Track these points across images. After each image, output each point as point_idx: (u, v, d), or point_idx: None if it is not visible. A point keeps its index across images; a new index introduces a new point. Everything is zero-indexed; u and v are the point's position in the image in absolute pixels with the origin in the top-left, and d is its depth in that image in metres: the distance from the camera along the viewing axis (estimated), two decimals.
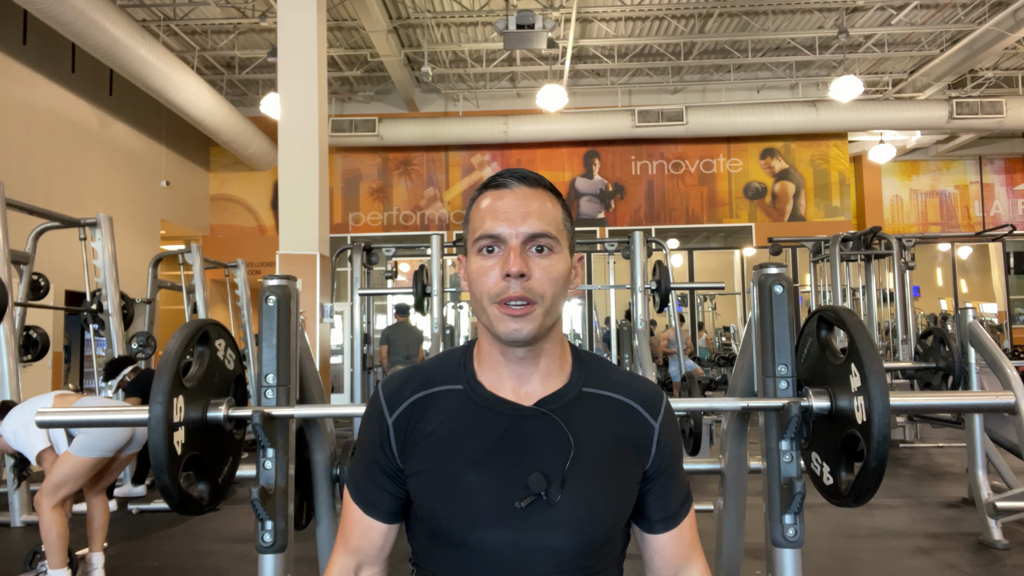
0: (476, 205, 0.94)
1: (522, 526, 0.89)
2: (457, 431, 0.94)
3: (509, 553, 0.90)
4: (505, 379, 0.96)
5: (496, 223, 0.89)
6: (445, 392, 0.97)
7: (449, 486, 0.92)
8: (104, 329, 5.97)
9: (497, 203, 0.91)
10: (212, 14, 9.72)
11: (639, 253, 5.48)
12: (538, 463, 0.91)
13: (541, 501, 0.89)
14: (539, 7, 9.42)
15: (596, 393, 0.97)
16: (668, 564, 1.02)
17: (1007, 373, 3.80)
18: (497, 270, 0.89)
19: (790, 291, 2.00)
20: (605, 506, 0.92)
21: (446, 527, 0.92)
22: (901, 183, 14.12)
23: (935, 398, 2.49)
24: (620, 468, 0.95)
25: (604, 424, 0.96)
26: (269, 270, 11.42)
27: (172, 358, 1.71)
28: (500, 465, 0.91)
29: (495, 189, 0.93)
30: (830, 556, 3.90)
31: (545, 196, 0.93)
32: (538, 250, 0.90)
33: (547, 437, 0.93)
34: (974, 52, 10.07)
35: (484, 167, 13.05)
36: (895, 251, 6.98)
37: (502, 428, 0.93)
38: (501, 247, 0.90)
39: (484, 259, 0.91)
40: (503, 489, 0.90)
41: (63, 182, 9.28)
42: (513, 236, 0.89)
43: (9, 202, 5.15)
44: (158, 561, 3.91)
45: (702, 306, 13.62)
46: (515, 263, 0.87)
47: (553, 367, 0.96)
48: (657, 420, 0.98)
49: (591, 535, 0.91)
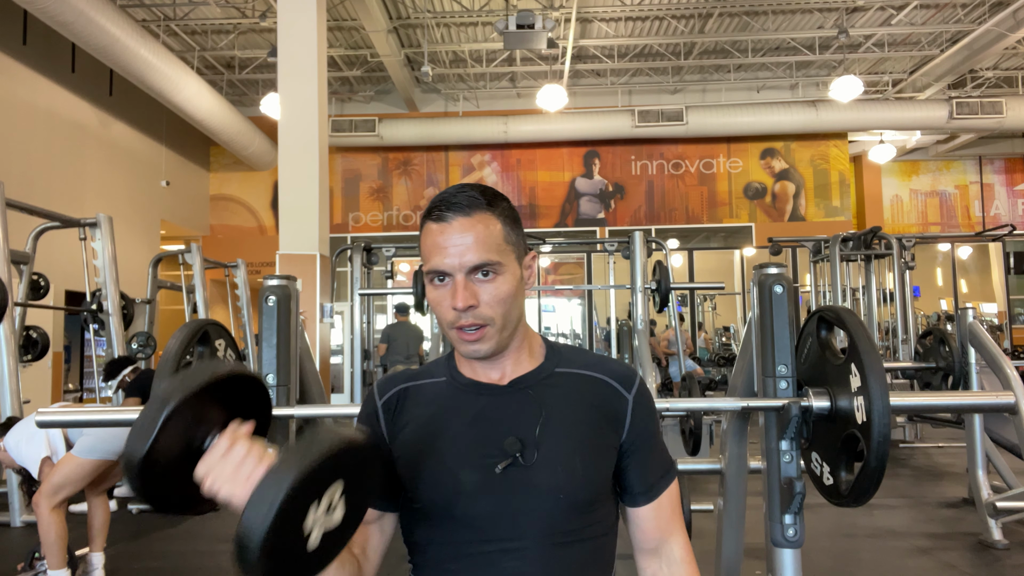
0: (423, 235, 0.98)
1: (504, 491, 0.94)
2: (439, 412, 1.01)
3: (496, 520, 0.94)
4: (479, 369, 1.03)
5: (441, 258, 0.94)
6: (430, 383, 1.05)
7: (433, 461, 0.97)
8: (104, 329, 5.97)
9: (438, 238, 0.95)
10: (212, 14, 9.72)
11: (639, 253, 5.48)
12: (513, 430, 0.96)
13: (518, 464, 0.94)
14: (539, 7, 9.42)
15: (569, 372, 1.04)
16: (649, 537, 1.05)
17: (1007, 373, 3.79)
18: (448, 300, 0.94)
19: (790, 291, 2.00)
20: (582, 467, 0.96)
21: (433, 502, 0.96)
22: (901, 183, 14.12)
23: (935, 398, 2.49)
24: (595, 433, 0.99)
25: (577, 396, 1.01)
26: (269, 270, 11.42)
27: (172, 358, 1.72)
28: (479, 437, 0.97)
29: (435, 222, 0.96)
30: (830, 556, 3.90)
31: (483, 219, 0.95)
32: (484, 275, 0.94)
33: (522, 408, 0.99)
34: (974, 52, 10.07)
35: (484, 167, 13.05)
36: (895, 251, 6.97)
37: (481, 405, 1.00)
38: (448, 279, 0.95)
39: (436, 289, 0.96)
40: (482, 455, 0.95)
41: (63, 182, 9.28)
42: (457, 269, 0.93)
43: (9, 202, 5.16)
44: (158, 561, 3.91)
45: (702, 306, 13.61)
46: (460, 298, 0.93)
47: (522, 356, 1.03)
48: (631, 393, 1.03)
49: (571, 497, 0.94)
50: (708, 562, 2.54)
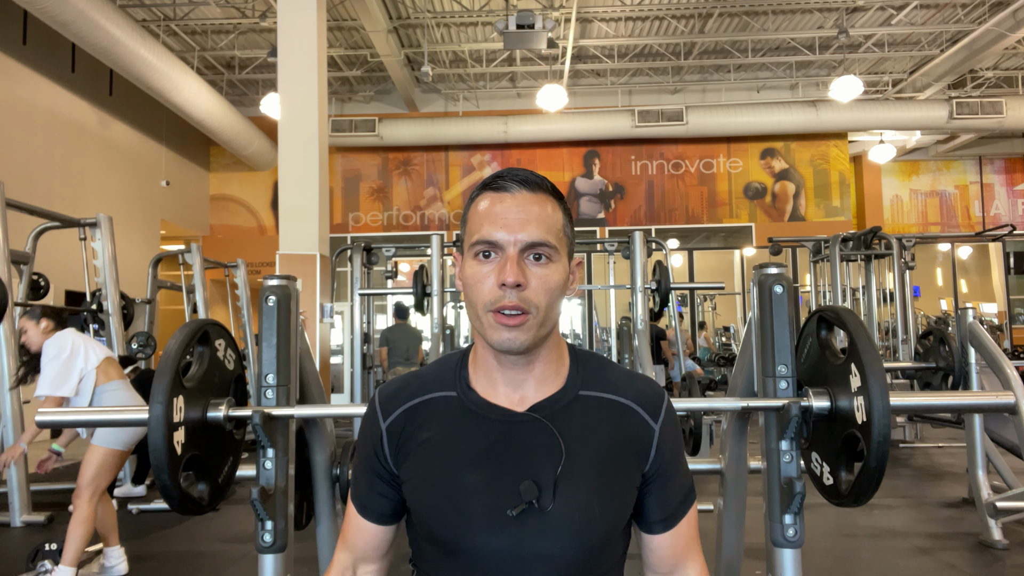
0: (474, 206, 0.91)
1: (517, 533, 0.88)
2: (450, 438, 0.93)
3: (506, 559, 0.89)
4: (499, 384, 0.95)
5: (494, 228, 0.87)
6: (439, 399, 0.97)
7: (442, 492, 0.91)
8: (104, 329, 5.97)
9: (496, 207, 0.88)
10: (212, 14, 9.73)
11: (639, 253, 5.47)
12: (530, 470, 0.90)
13: (533, 509, 0.88)
14: (539, 7, 9.42)
15: (594, 396, 0.96)
16: (664, 563, 1.01)
17: (1007, 373, 3.79)
18: (493, 277, 0.87)
19: (790, 291, 2.00)
20: (600, 512, 0.90)
21: (440, 533, 0.91)
22: (901, 183, 14.12)
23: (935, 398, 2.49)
24: (617, 472, 0.93)
25: (601, 428, 0.94)
26: (269, 270, 11.42)
27: (172, 358, 1.71)
28: (493, 471, 0.90)
29: (495, 192, 0.90)
30: (830, 556, 3.90)
31: (546, 200, 0.90)
32: (536, 258, 0.88)
33: (540, 443, 0.91)
34: (974, 52, 10.07)
35: (484, 167, 13.05)
36: (895, 251, 6.97)
37: (495, 434, 0.92)
38: (498, 253, 0.88)
39: (480, 264, 0.88)
40: (496, 496, 0.89)
41: (63, 182, 9.28)
42: (511, 243, 0.87)
43: (9, 202, 5.15)
44: (158, 561, 3.91)
45: (702, 306, 13.61)
46: (511, 272, 0.85)
47: (549, 371, 0.95)
48: (657, 422, 0.96)
49: (587, 541, 0.89)
50: (708, 562, 2.53)
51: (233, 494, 5.12)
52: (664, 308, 5.50)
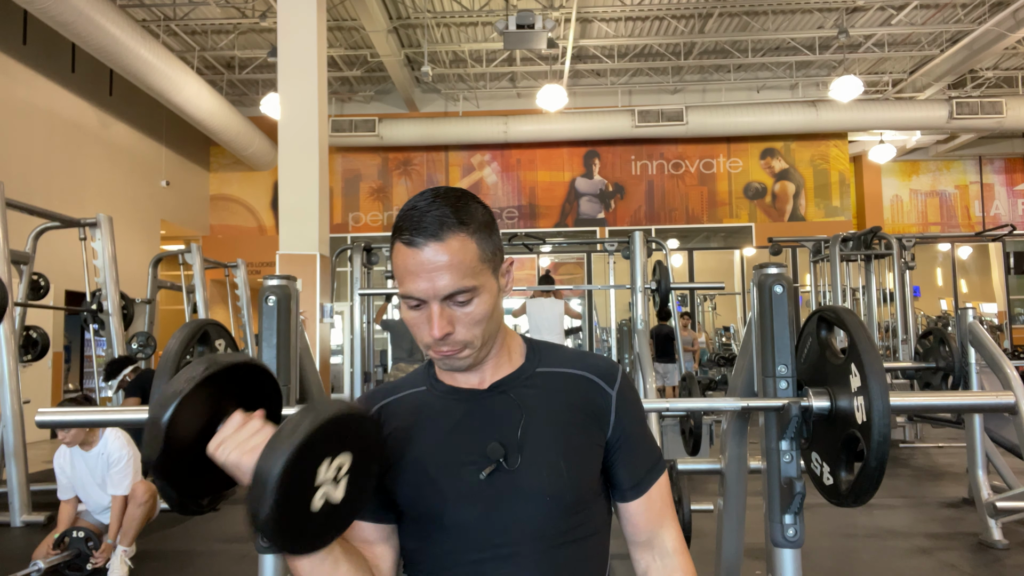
0: (394, 253, 0.93)
1: (491, 498, 0.93)
2: (421, 422, 0.99)
3: (485, 526, 0.93)
4: (459, 378, 1.02)
5: (414, 285, 0.90)
6: (410, 394, 1.04)
7: (418, 471, 0.96)
8: (104, 329, 5.98)
9: (409, 262, 0.90)
10: (212, 14, 9.73)
11: (639, 253, 5.47)
12: (495, 435, 0.95)
13: (503, 470, 0.93)
14: (539, 7, 9.42)
15: (551, 371, 1.02)
16: (640, 530, 1.05)
17: (1007, 373, 3.80)
18: (425, 327, 0.92)
19: (790, 291, 2.00)
20: (567, 468, 0.95)
21: (422, 513, 0.95)
22: (901, 183, 14.12)
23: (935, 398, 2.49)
24: (579, 432, 0.98)
25: (559, 394, 1.00)
26: (269, 270, 11.42)
27: (172, 358, 1.71)
28: (462, 443, 0.96)
29: (406, 246, 0.90)
30: (830, 556, 3.90)
31: (456, 241, 0.89)
32: (459, 303, 0.91)
33: (504, 412, 0.97)
34: (974, 52, 10.07)
35: (484, 167, 13.05)
36: (895, 251, 6.97)
37: (462, 411, 0.99)
38: (424, 305, 0.92)
39: (411, 311, 0.94)
40: (466, 465, 0.94)
41: (63, 182, 9.28)
42: (432, 297, 0.90)
43: (9, 202, 5.15)
44: (158, 561, 3.91)
45: (702, 306, 13.61)
46: (437, 327, 0.90)
47: (502, 360, 1.02)
48: (614, 388, 1.02)
49: (560, 499, 0.94)
50: (708, 562, 2.54)
51: (233, 494, 5.11)
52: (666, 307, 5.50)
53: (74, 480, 3.74)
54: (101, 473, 3.69)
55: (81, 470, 3.72)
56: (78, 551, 3.62)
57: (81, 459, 3.71)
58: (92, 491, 3.73)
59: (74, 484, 3.75)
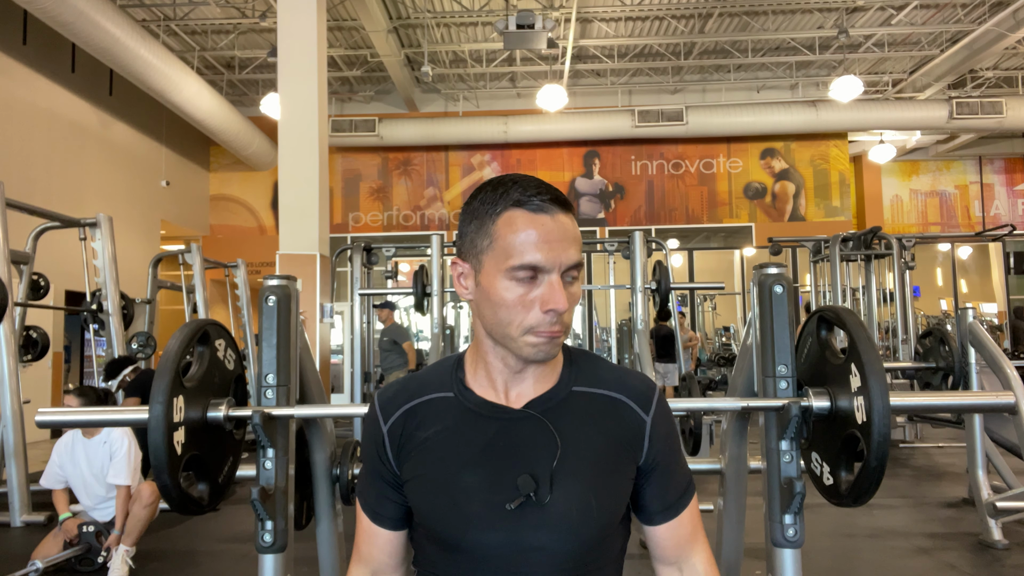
0: (505, 223, 0.87)
1: (516, 527, 0.90)
2: (449, 436, 0.95)
3: (505, 554, 0.90)
4: (499, 384, 0.96)
5: (539, 253, 0.85)
6: (437, 399, 0.98)
7: (442, 490, 0.92)
8: (104, 329, 5.98)
9: (539, 229, 0.86)
10: (212, 14, 9.72)
11: (639, 253, 5.47)
12: (528, 464, 0.91)
13: (531, 502, 0.90)
14: (539, 7, 9.42)
15: (586, 391, 0.97)
16: (670, 554, 1.02)
17: (1007, 373, 3.79)
18: (538, 304, 0.87)
19: (790, 291, 2.00)
20: (597, 506, 0.92)
21: (441, 530, 0.93)
22: (901, 183, 14.11)
23: (935, 398, 2.49)
24: (612, 466, 0.95)
25: (594, 422, 0.96)
26: (269, 270, 11.42)
27: (172, 358, 1.71)
28: (491, 467, 0.92)
29: (532, 212, 0.87)
30: (830, 556, 3.90)
31: (573, 220, 0.90)
32: (569, 279, 0.88)
33: (536, 439, 0.93)
34: (974, 52, 10.07)
35: (484, 167, 13.05)
36: (895, 251, 6.97)
37: (492, 431, 0.94)
38: (542, 276, 0.87)
39: (520, 287, 0.87)
40: (494, 491, 0.91)
41: (63, 182, 9.28)
42: (556, 270, 0.86)
43: (9, 202, 5.15)
44: (158, 561, 3.91)
45: (702, 306, 13.61)
46: (561, 301, 0.86)
47: (547, 369, 0.97)
48: (649, 414, 0.98)
49: (584, 535, 0.91)
50: None
51: (233, 494, 5.11)
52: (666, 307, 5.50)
53: (72, 476, 3.75)
54: (101, 463, 3.70)
55: (80, 462, 3.73)
56: (88, 545, 3.63)
57: (82, 449, 3.73)
58: (90, 485, 3.73)
59: (71, 479, 3.76)
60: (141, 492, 3.68)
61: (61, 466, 3.76)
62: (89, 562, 3.63)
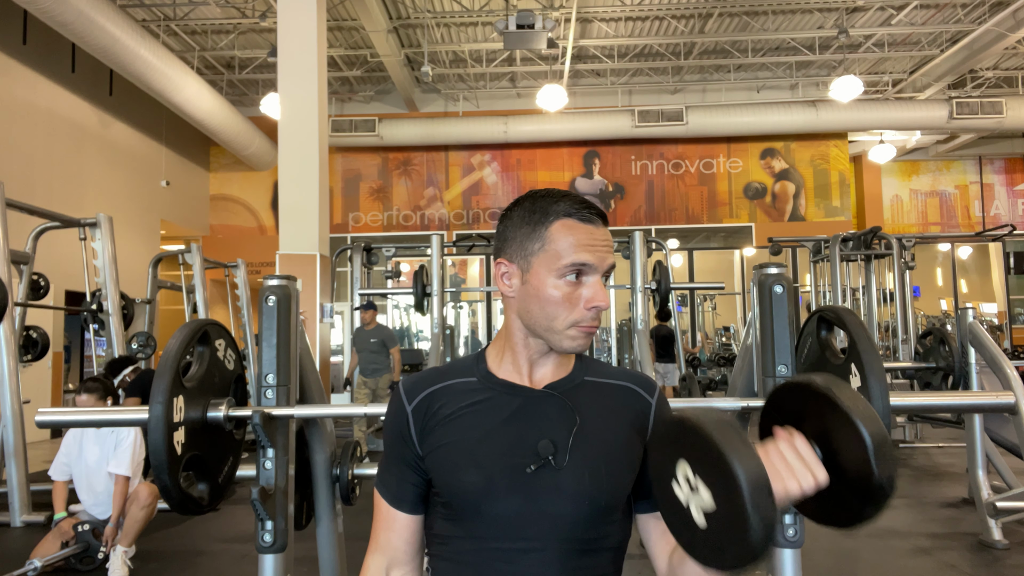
0: (558, 228, 0.99)
1: (532, 490, 0.96)
2: (472, 411, 1.02)
3: (521, 519, 0.96)
4: (523, 369, 1.05)
5: (590, 256, 0.98)
6: (460, 383, 1.06)
7: (464, 456, 0.98)
8: (104, 329, 5.97)
9: (588, 236, 0.99)
10: (212, 14, 9.72)
11: (639, 253, 5.47)
12: (548, 433, 0.99)
13: (549, 466, 0.97)
14: (539, 7, 9.42)
15: (597, 381, 1.08)
16: (670, 545, 1.03)
17: (1007, 373, 3.79)
18: (582, 301, 0.98)
19: (790, 291, 2.00)
20: (607, 473, 0.99)
21: (461, 496, 0.98)
22: (901, 183, 14.11)
23: (935, 398, 2.49)
24: (622, 439, 1.03)
25: (606, 403, 1.05)
26: (269, 270, 11.42)
27: (172, 358, 1.71)
28: (512, 436, 0.99)
29: (583, 223, 0.99)
30: (830, 556, 3.90)
31: (609, 233, 1.03)
32: (606, 279, 1.01)
33: (555, 413, 1.01)
34: (974, 52, 10.07)
35: (484, 167, 13.05)
36: (895, 251, 6.97)
37: (515, 406, 1.02)
38: (587, 277, 0.99)
39: (567, 286, 0.98)
40: (516, 454, 0.97)
41: (63, 182, 9.28)
42: (600, 270, 0.99)
43: (9, 202, 5.15)
44: (158, 561, 3.91)
45: (702, 306, 13.61)
46: (605, 299, 0.99)
47: (564, 360, 1.07)
48: (653, 398, 1.09)
49: (596, 502, 0.97)
50: None
51: (233, 494, 5.11)
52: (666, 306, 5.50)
53: (76, 468, 3.76)
54: (108, 450, 3.71)
55: (87, 452, 3.73)
56: (87, 544, 3.64)
57: (93, 435, 3.74)
58: (93, 478, 3.73)
59: (75, 473, 3.77)
60: (139, 493, 3.68)
61: (67, 456, 3.77)
62: (90, 560, 3.64)
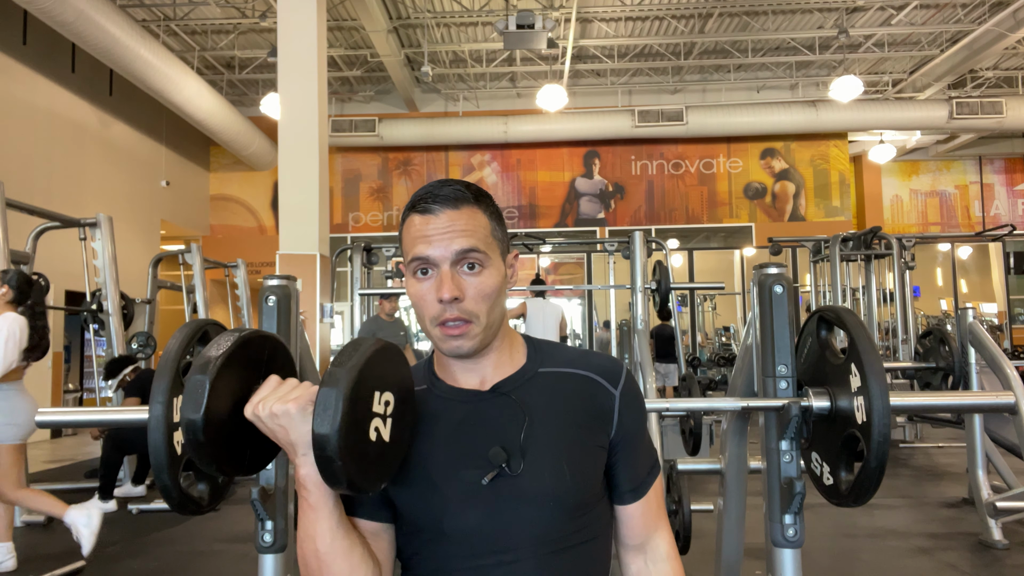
0: (406, 227, 0.95)
1: (494, 502, 0.91)
2: (422, 424, 0.97)
3: (486, 532, 0.91)
4: (459, 375, 0.99)
5: (426, 247, 0.91)
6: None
7: (418, 476, 0.94)
8: (104, 329, 5.97)
9: (424, 228, 0.92)
10: (212, 14, 9.73)
11: (639, 253, 5.47)
12: (498, 439, 0.93)
13: (505, 474, 0.91)
14: (539, 7, 9.42)
15: (553, 371, 1.00)
16: (636, 533, 1.03)
17: (1007, 373, 3.79)
18: (432, 294, 0.91)
19: (790, 291, 2.00)
20: (570, 471, 0.93)
21: (420, 517, 0.93)
22: (901, 183, 14.12)
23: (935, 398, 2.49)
24: (582, 434, 0.97)
25: (563, 397, 0.98)
26: (269, 270, 11.42)
27: (172, 358, 1.71)
28: (463, 448, 0.94)
29: (421, 214, 0.93)
30: (830, 556, 3.90)
31: (470, 211, 0.93)
32: (469, 267, 0.92)
33: (504, 414, 0.95)
34: (974, 52, 10.07)
35: (484, 167, 13.05)
36: (895, 251, 6.97)
37: (463, 414, 0.96)
38: (433, 270, 0.92)
39: (419, 282, 0.93)
40: (468, 466, 0.92)
41: (63, 182, 9.28)
42: (444, 259, 0.91)
43: (9, 202, 5.15)
44: (158, 561, 3.91)
45: (702, 306, 13.61)
46: (447, 288, 0.90)
47: (503, 359, 1.00)
48: (617, 388, 1.00)
49: (563, 503, 0.92)
50: (708, 562, 2.54)
51: (233, 494, 5.12)
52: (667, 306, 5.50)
53: None
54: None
55: None
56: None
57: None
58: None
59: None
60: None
61: None
62: None
